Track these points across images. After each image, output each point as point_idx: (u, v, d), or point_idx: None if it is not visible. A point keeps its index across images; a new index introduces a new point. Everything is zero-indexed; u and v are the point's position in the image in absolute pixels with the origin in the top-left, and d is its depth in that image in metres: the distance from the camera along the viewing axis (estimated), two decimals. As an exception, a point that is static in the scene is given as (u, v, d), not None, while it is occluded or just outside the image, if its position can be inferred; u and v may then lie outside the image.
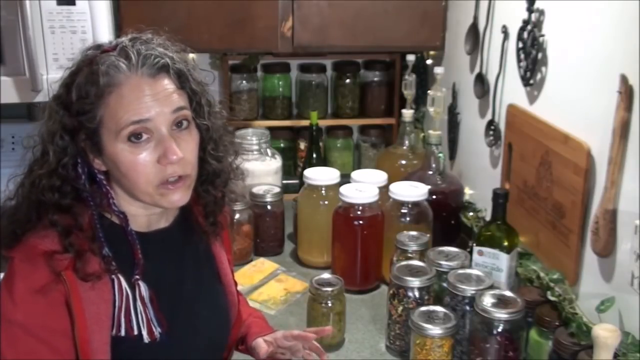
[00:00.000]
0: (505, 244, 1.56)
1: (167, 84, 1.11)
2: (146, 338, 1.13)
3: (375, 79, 2.54)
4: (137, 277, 1.14)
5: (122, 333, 1.11)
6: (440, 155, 1.98)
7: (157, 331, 1.14)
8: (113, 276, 1.11)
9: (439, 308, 1.48)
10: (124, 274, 1.13)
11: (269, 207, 2.05)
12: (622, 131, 1.26)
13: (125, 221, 1.16)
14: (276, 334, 1.35)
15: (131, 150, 1.08)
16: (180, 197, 1.13)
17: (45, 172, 1.10)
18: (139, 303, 1.13)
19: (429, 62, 2.38)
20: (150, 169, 1.09)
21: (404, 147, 2.22)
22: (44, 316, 1.08)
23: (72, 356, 1.10)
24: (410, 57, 2.24)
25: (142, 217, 1.19)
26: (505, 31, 1.75)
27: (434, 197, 1.90)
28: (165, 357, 1.17)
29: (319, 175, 1.97)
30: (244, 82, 2.46)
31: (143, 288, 1.14)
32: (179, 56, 1.16)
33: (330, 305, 1.58)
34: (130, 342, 1.13)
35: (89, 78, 1.08)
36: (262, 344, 1.32)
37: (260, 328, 1.40)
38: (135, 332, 1.12)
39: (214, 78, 1.24)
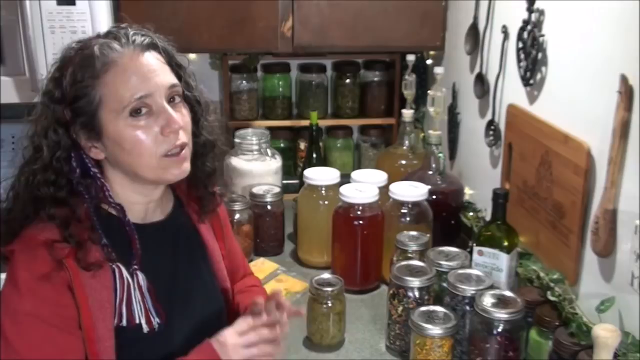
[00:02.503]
0: (505, 244, 1.56)
1: (158, 57, 1.15)
2: (145, 328, 1.14)
3: (375, 79, 2.54)
4: (136, 267, 1.15)
5: (124, 323, 1.13)
6: (440, 155, 1.98)
7: (155, 321, 1.16)
8: (114, 265, 1.13)
9: (439, 308, 1.48)
10: (122, 264, 1.14)
11: (269, 207, 2.05)
12: (622, 131, 1.26)
13: (123, 212, 1.17)
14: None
15: (134, 125, 1.11)
16: (182, 168, 1.16)
17: (39, 167, 1.12)
18: (137, 292, 1.15)
19: (429, 62, 2.38)
20: (154, 140, 1.12)
21: (404, 147, 2.22)
22: (51, 302, 1.09)
23: (82, 341, 1.10)
24: (410, 57, 2.24)
25: (140, 207, 1.21)
26: (505, 31, 1.75)
27: (434, 197, 1.90)
28: (163, 349, 1.18)
29: (319, 175, 1.97)
30: (244, 82, 2.46)
31: (141, 278, 1.16)
32: (161, 38, 1.19)
33: (330, 305, 1.58)
34: (129, 333, 1.14)
35: (83, 62, 1.10)
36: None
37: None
38: (137, 321, 1.14)
39: (188, 63, 1.26)
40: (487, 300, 1.41)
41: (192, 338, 1.23)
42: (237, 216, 1.98)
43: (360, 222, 1.83)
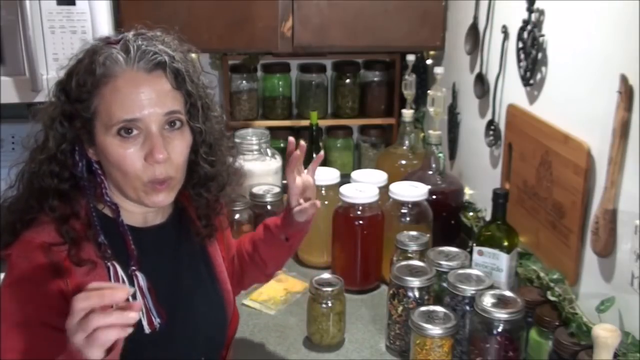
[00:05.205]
0: (505, 244, 1.56)
1: (163, 82, 1.12)
2: (146, 328, 1.14)
3: (375, 79, 2.54)
4: (134, 267, 1.15)
5: None
6: (440, 155, 1.98)
7: (156, 321, 1.15)
8: (109, 264, 1.12)
9: (439, 308, 1.48)
10: (119, 265, 1.14)
11: (269, 207, 2.05)
12: (622, 131, 1.26)
13: (117, 212, 1.16)
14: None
15: (120, 145, 1.10)
16: (163, 198, 1.14)
17: (45, 157, 1.12)
18: (137, 293, 1.14)
19: (429, 62, 2.38)
20: (138, 164, 1.10)
21: (404, 147, 2.22)
22: (50, 305, 1.08)
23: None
24: (410, 57, 2.24)
25: (138, 214, 1.20)
26: (505, 31, 1.75)
27: (434, 197, 1.90)
28: (165, 352, 1.18)
29: (319, 175, 1.96)
30: (244, 82, 2.46)
31: (141, 278, 1.15)
32: (181, 56, 1.16)
33: (330, 305, 1.59)
34: (131, 334, 1.13)
35: (88, 67, 1.10)
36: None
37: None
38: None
39: (216, 82, 1.23)
40: (487, 300, 1.41)
41: (193, 339, 1.23)
42: (237, 216, 1.98)
43: (360, 222, 1.83)
